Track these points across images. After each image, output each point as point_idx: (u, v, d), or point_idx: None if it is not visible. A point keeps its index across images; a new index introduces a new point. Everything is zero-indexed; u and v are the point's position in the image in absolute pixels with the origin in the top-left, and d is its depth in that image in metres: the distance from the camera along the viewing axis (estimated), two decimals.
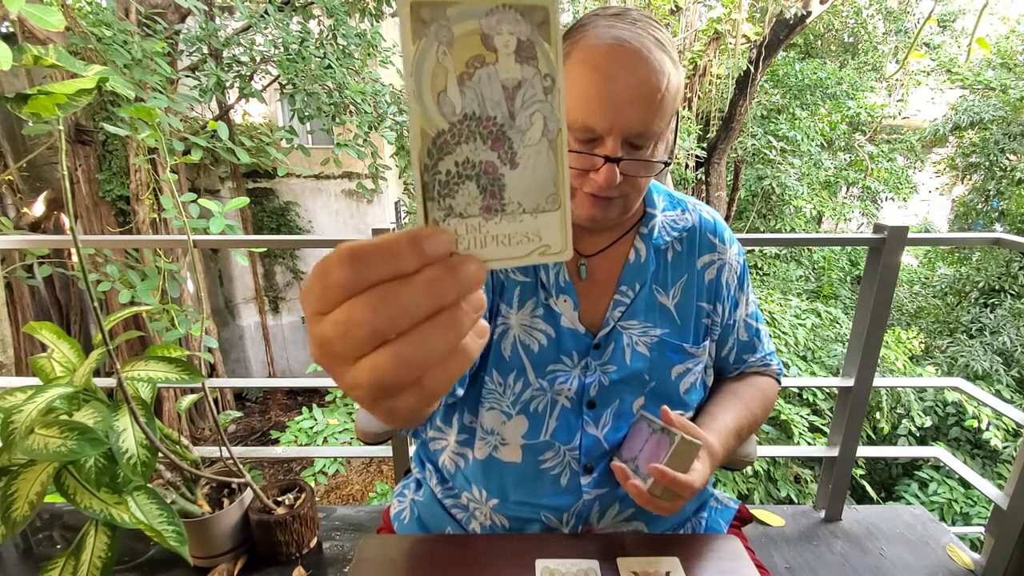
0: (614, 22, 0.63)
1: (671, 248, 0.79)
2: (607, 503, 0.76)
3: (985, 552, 1.36)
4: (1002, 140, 7.54)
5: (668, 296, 0.78)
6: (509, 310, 0.76)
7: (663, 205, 0.81)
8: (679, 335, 0.78)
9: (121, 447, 0.92)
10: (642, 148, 0.65)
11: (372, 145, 4.89)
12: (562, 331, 0.75)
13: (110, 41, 3.41)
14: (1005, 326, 5.78)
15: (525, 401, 0.75)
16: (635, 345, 0.76)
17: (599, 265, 0.77)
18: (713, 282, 0.80)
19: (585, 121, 0.62)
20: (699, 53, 7.92)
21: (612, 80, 0.60)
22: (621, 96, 0.61)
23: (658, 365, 0.76)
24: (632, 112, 0.61)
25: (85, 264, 0.92)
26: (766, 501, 3.66)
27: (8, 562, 1.35)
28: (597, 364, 0.75)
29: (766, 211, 9.52)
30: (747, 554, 0.72)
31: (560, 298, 0.75)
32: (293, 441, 4.37)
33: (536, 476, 0.76)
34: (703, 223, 0.82)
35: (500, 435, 0.76)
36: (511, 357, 0.75)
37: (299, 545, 1.33)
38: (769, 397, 0.85)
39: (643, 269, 0.76)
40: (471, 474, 0.80)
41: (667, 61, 0.62)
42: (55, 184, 5.66)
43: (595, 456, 0.75)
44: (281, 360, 7.89)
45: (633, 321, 0.76)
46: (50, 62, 0.81)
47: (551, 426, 0.75)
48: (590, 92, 0.61)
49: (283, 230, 7.34)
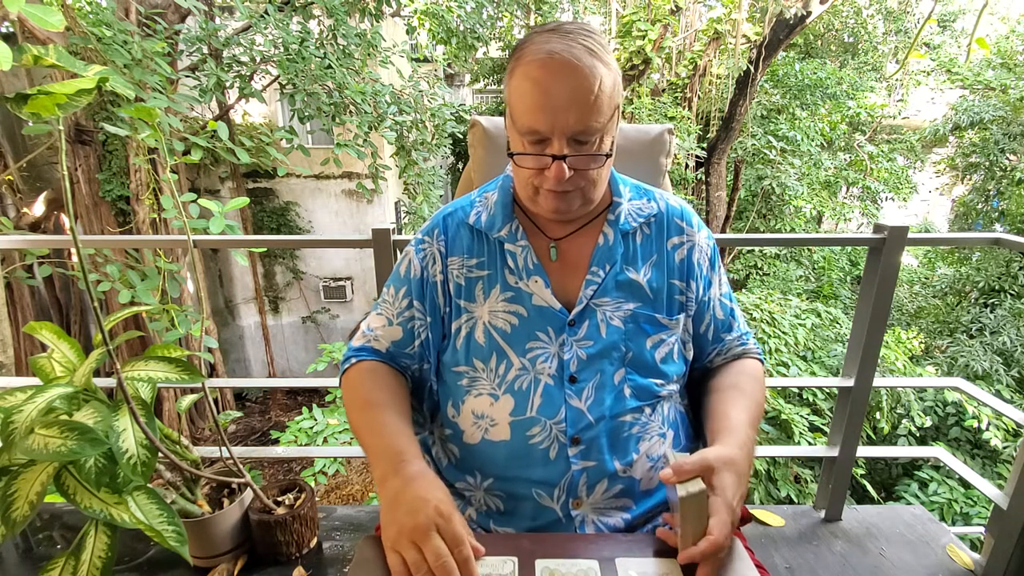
0: (548, 36, 0.71)
1: (639, 231, 0.85)
2: (595, 477, 0.78)
3: (985, 552, 1.36)
4: (1002, 140, 7.54)
5: (639, 273, 0.83)
6: (473, 304, 0.82)
7: (629, 195, 0.87)
8: (652, 307, 0.82)
9: (121, 447, 0.92)
10: (587, 143, 0.72)
11: (372, 145, 4.90)
12: (533, 309, 0.80)
13: (110, 41, 3.41)
14: (1005, 326, 5.78)
15: (510, 381, 0.79)
16: (609, 320, 0.80)
17: (570, 248, 0.84)
18: (684, 261, 0.85)
19: (531, 126, 0.71)
20: (699, 53, 7.92)
21: (549, 89, 0.69)
22: (558, 102, 0.69)
23: (633, 336, 0.81)
24: (570, 114, 0.69)
25: (85, 264, 0.92)
26: (766, 501, 3.66)
27: (8, 562, 1.35)
28: (573, 340, 0.80)
29: (766, 211, 9.53)
30: (747, 554, 0.72)
31: (531, 279, 0.81)
32: (293, 441, 4.37)
33: (526, 451, 0.79)
34: (670, 209, 0.87)
35: (490, 417, 0.80)
36: (487, 343, 0.81)
37: (299, 545, 1.33)
38: (761, 380, 0.88)
39: (612, 251, 0.82)
40: (464, 462, 0.83)
41: (598, 65, 0.70)
42: (55, 184, 5.67)
43: (580, 427, 0.78)
44: (281, 360, 7.89)
45: (605, 298, 0.81)
46: (50, 62, 0.81)
47: (536, 403, 0.79)
48: (532, 101, 0.70)
49: (283, 230, 7.34)
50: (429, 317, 0.84)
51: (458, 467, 0.85)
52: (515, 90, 0.72)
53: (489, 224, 0.84)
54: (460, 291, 0.83)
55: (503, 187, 0.86)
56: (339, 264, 7.61)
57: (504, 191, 0.86)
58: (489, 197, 0.87)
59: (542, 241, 0.84)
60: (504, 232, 0.83)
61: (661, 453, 0.81)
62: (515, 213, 0.84)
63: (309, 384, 1.60)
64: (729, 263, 8.87)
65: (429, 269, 0.85)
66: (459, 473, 0.84)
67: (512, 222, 0.83)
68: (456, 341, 0.82)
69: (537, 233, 0.84)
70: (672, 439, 0.84)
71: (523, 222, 0.84)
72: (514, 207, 0.85)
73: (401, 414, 0.77)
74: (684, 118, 7.55)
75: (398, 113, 5.03)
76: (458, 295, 0.83)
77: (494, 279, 0.82)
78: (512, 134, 0.76)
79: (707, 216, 7.89)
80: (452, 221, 0.87)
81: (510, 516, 0.81)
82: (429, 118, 5.57)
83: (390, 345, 0.85)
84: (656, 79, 8.21)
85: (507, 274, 0.82)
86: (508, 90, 0.74)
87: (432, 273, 0.84)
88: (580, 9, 9.25)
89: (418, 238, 0.88)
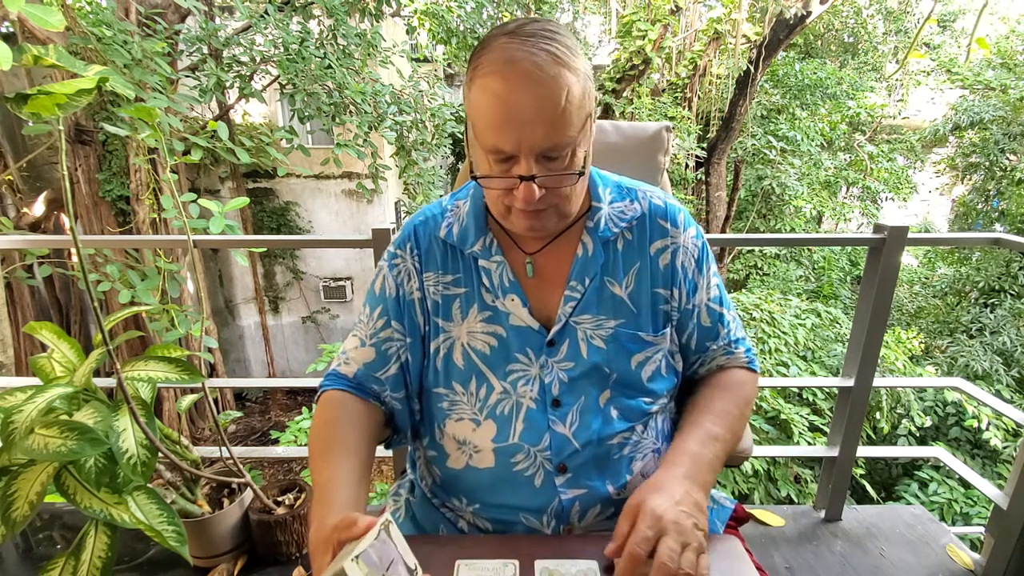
0: (507, 41, 0.64)
1: (621, 238, 0.78)
2: (587, 503, 0.75)
3: (985, 552, 1.36)
4: (1002, 140, 7.54)
5: (621, 286, 0.77)
6: (450, 324, 0.77)
7: (610, 197, 0.80)
8: (635, 324, 0.77)
9: (121, 447, 0.92)
10: (557, 159, 0.66)
11: (372, 145, 4.89)
12: (511, 330, 0.76)
13: (110, 41, 3.41)
14: (1005, 326, 5.78)
15: (491, 405, 0.75)
16: (590, 339, 0.75)
17: (547, 262, 0.78)
18: (668, 267, 0.78)
19: (495, 144, 0.64)
20: (699, 53, 7.92)
21: (509, 104, 0.62)
22: (522, 117, 0.62)
23: (616, 356, 0.75)
24: (535, 131, 0.62)
25: (85, 264, 0.92)
26: (766, 501, 3.66)
27: (8, 562, 1.35)
28: (554, 362, 0.75)
29: (766, 211, 9.52)
30: (746, 554, 0.72)
31: (507, 298, 0.76)
32: (293, 441, 4.37)
33: (511, 479, 0.75)
34: (653, 209, 0.80)
35: (472, 443, 0.76)
36: (465, 366, 0.76)
37: (299, 545, 1.33)
38: (742, 388, 0.81)
39: (592, 262, 0.76)
40: (449, 486, 0.81)
41: (564, 73, 0.63)
42: (55, 184, 5.67)
43: (567, 455, 0.74)
44: (281, 360, 7.89)
45: (586, 315, 0.76)
46: (50, 62, 0.81)
47: (518, 428, 0.74)
48: (493, 117, 0.63)
49: (283, 230, 7.34)
50: (409, 337, 0.78)
51: (444, 488, 0.82)
52: (474, 105, 0.65)
53: (462, 238, 0.78)
54: (437, 309, 0.78)
55: (475, 197, 0.79)
56: (339, 264, 7.61)
57: (476, 201, 0.79)
58: (460, 206, 0.80)
59: (518, 256, 0.78)
60: (478, 247, 0.77)
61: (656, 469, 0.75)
62: (489, 225, 0.78)
63: (309, 384, 1.59)
64: (729, 263, 8.87)
65: (405, 286, 0.79)
66: (445, 494, 0.82)
67: (486, 235, 0.77)
68: (436, 361, 0.78)
69: (512, 247, 0.78)
70: None
71: (497, 235, 0.78)
72: (487, 218, 0.78)
73: (347, 455, 0.69)
74: (684, 118, 7.55)
75: (398, 113, 5.03)
76: (435, 313, 0.78)
77: (471, 297, 0.77)
78: (476, 152, 0.69)
79: (707, 216, 7.90)
80: (424, 232, 0.80)
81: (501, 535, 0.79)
82: (429, 118, 5.57)
83: (359, 368, 0.79)
84: (656, 79, 8.21)
85: (483, 292, 0.77)
86: (467, 104, 0.67)
87: (409, 290, 0.79)
88: (580, 9, 9.25)
89: (391, 251, 0.82)
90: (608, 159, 1.13)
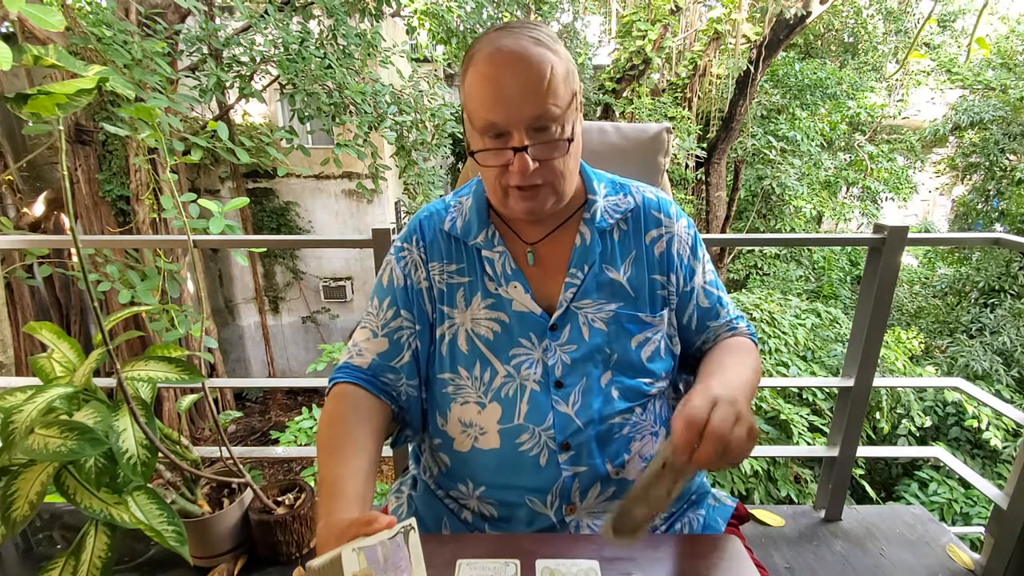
0: (496, 36, 0.72)
1: (616, 228, 0.84)
2: (587, 481, 0.77)
3: (985, 552, 1.36)
4: (1002, 140, 7.54)
5: (619, 272, 0.82)
6: (455, 311, 0.81)
7: (605, 191, 0.85)
8: (634, 306, 0.81)
9: (121, 447, 0.92)
10: (546, 130, 0.71)
11: (372, 145, 4.89)
12: (514, 315, 0.79)
13: (110, 41, 3.40)
14: (1005, 326, 5.78)
15: (496, 388, 0.78)
16: (591, 322, 0.79)
17: (548, 251, 0.82)
18: (664, 254, 0.83)
19: (488, 119, 0.70)
20: (699, 53, 7.92)
21: (500, 81, 0.69)
22: (511, 92, 0.69)
23: (617, 337, 0.79)
24: (524, 103, 0.69)
25: (85, 264, 0.92)
26: (766, 501, 3.66)
27: (8, 562, 1.35)
28: (556, 345, 0.78)
29: (766, 211, 9.52)
30: (747, 553, 0.72)
31: (510, 285, 0.80)
32: (293, 441, 4.37)
33: (516, 459, 0.77)
34: (646, 202, 0.86)
35: (479, 425, 0.79)
36: (469, 351, 0.80)
37: (299, 545, 1.33)
38: (750, 353, 0.83)
39: (590, 251, 0.81)
40: (455, 471, 0.82)
41: (547, 53, 0.70)
42: (55, 184, 5.66)
43: (569, 433, 0.77)
44: (281, 360, 7.89)
45: (586, 300, 0.80)
46: (50, 62, 0.81)
47: (523, 410, 0.77)
48: (486, 96, 0.70)
49: (283, 230, 7.34)
50: (418, 325, 0.82)
51: (449, 476, 0.83)
52: (469, 91, 0.72)
53: (465, 231, 0.82)
54: (443, 297, 0.82)
55: (477, 192, 0.84)
56: (339, 264, 7.60)
57: (478, 196, 0.84)
58: (464, 202, 0.85)
59: (519, 246, 0.82)
60: (480, 239, 0.81)
61: (654, 452, 0.80)
62: (490, 218, 0.83)
63: (309, 384, 1.60)
64: (729, 263, 8.87)
65: (412, 276, 0.83)
66: (451, 482, 0.83)
67: (488, 228, 0.82)
68: (441, 347, 0.81)
69: (513, 238, 0.83)
70: (664, 436, 0.83)
71: (499, 227, 0.83)
72: (489, 212, 0.83)
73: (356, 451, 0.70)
74: (684, 118, 7.55)
75: (398, 113, 5.03)
76: (441, 301, 0.82)
77: (475, 286, 0.81)
78: (472, 137, 0.75)
79: (707, 216, 7.90)
80: (429, 225, 0.85)
81: (505, 522, 0.80)
82: (429, 118, 5.56)
83: (374, 359, 0.81)
84: (656, 79, 8.22)
85: (487, 281, 0.81)
86: (463, 95, 0.74)
87: (416, 280, 0.83)
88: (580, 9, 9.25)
89: (397, 245, 0.86)
90: (608, 160, 1.13)
